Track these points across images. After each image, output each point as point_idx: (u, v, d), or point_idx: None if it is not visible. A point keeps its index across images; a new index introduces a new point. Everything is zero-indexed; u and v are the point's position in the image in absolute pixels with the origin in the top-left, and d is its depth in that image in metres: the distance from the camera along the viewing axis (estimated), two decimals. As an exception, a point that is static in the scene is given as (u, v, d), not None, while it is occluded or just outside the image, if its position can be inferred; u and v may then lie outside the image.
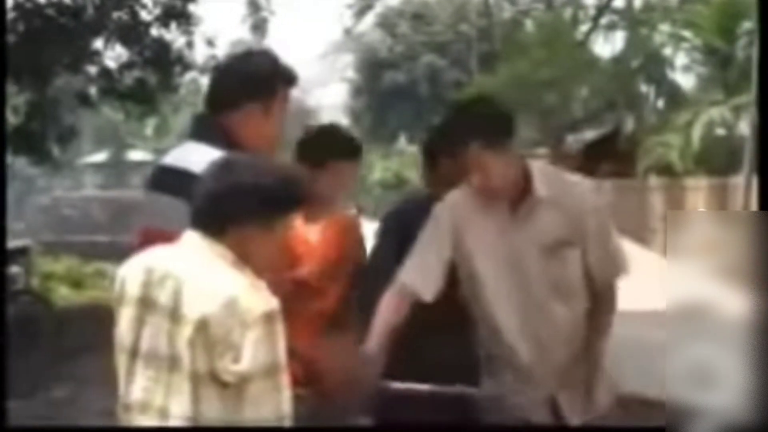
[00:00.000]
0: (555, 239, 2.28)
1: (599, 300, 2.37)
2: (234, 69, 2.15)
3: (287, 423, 1.58)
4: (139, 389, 1.64)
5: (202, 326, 1.54)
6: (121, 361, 1.69)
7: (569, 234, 2.29)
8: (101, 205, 22.00)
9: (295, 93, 2.27)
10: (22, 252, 9.03)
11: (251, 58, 2.19)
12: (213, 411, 1.55)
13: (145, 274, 1.66)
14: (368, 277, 2.59)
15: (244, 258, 1.66)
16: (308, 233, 2.51)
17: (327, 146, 2.55)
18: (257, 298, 1.58)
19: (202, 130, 2.09)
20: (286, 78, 2.14)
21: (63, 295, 10.41)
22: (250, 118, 2.05)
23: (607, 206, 2.42)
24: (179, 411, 1.57)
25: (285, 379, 1.58)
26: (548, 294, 2.31)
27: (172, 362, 1.59)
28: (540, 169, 2.35)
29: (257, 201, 1.66)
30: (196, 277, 1.61)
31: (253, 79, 2.07)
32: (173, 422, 1.59)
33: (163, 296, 1.62)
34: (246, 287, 1.59)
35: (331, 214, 2.60)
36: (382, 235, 2.74)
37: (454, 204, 2.41)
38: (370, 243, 2.76)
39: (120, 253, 2.12)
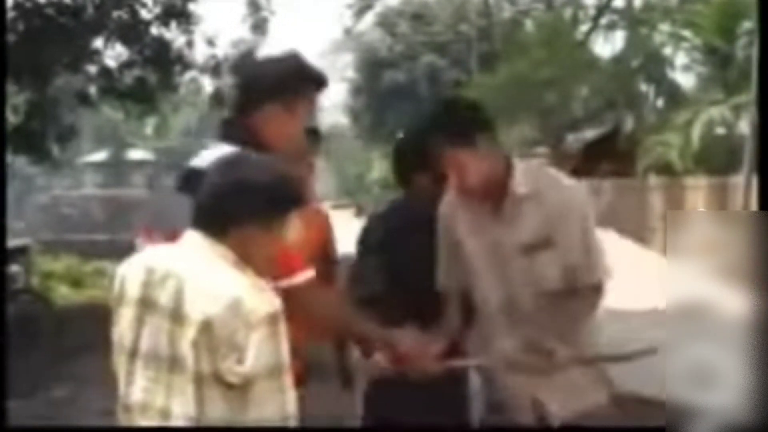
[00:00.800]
0: (534, 237, 2.29)
1: (580, 301, 2.35)
2: (259, 71, 2.21)
3: (292, 423, 1.57)
4: (139, 390, 1.63)
5: (206, 327, 1.53)
6: (121, 361, 1.68)
7: (549, 233, 2.29)
8: (101, 204, 21.98)
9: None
10: (22, 251, 9.03)
11: (276, 61, 2.27)
12: (216, 412, 1.55)
13: (146, 274, 1.65)
14: (357, 286, 2.63)
15: (246, 258, 1.65)
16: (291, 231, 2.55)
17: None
18: (261, 298, 1.58)
19: (229, 132, 2.14)
20: (312, 80, 2.18)
21: (63, 294, 10.41)
22: (273, 118, 2.10)
23: (592, 209, 2.39)
24: (181, 412, 1.57)
25: (289, 380, 1.58)
26: (530, 291, 2.32)
27: (174, 363, 1.58)
28: (525, 167, 2.36)
29: (259, 200, 1.65)
30: (199, 277, 1.60)
31: (276, 81, 2.12)
32: (175, 423, 1.58)
33: (164, 297, 1.61)
34: (249, 288, 1.59)
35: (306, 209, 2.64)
36: (364, 244, 2.73)
37: (447, 205, 2.47)
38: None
39: (119, 252, 2.13)
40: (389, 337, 2.24)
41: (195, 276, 1.60)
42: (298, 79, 2.13)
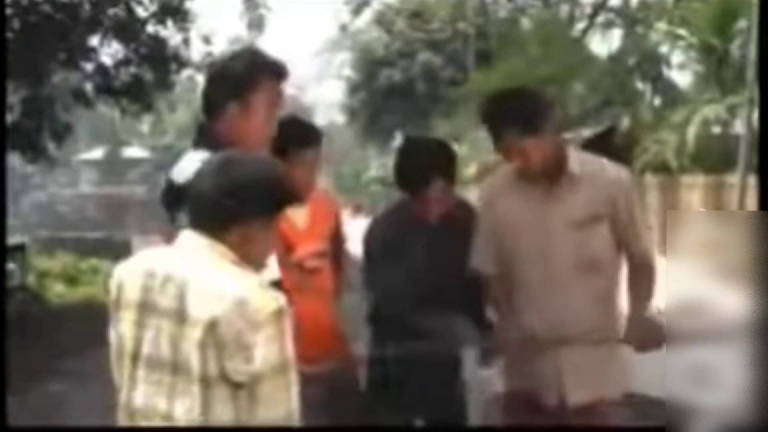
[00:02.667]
0: (586, 214, 2.40)
1: (637, 272, 2.44)
2: (214, 74, 2.21)
3: (296, 421, 1.57)
4: (142, 395, 1.62)
5: (212, 327, 1.52)
6: (122, 367, 1.67)
7: (600, 210, 2.40)
8: (97, 202, 21.99)
9: (291, 90, 2.31)
10: (18, 249, 9.01)
11: (229, 60, 2.23)
12: (222, 413, 1.54)
13: (145, 278, 1.64)
14: (377, 298, 2.68)
15: (246, 256, 1.65)
16: (294, 217, 2.60)
17: (288, 136, 2.57)
18: (266, 296, 1.57)
19: (200, 138, 2.14)
20: (268, 72, 2.12)
21: (58, 292, 10.37)
22: (232, 118, 2.08)
23: (634, 185, 2.54)
24: (184, 415, 1.56)
25: (294, 377, 1.57)
26: (571, 269, 2.39)
27: (177, 366, 1.57)
28: (575, 151, 2.51)
29: (262, 198, 1.65)
30: (201, 278, 1.59)
31: (228, 80, 2.10)
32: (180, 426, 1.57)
33: (166, 300, 1.59)
34: (253, 286, 1.58)
35: (309, 197, 2.68)
36: (370, 255, 2.74)
37: (494, 187, 2.61)
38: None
39: (115, 250, 2.14)
40: None
41: (197, 277, 1.59)
42: (251, 74, 2.09)
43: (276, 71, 2.13)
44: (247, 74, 2.08)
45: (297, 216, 2.60)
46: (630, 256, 2.44)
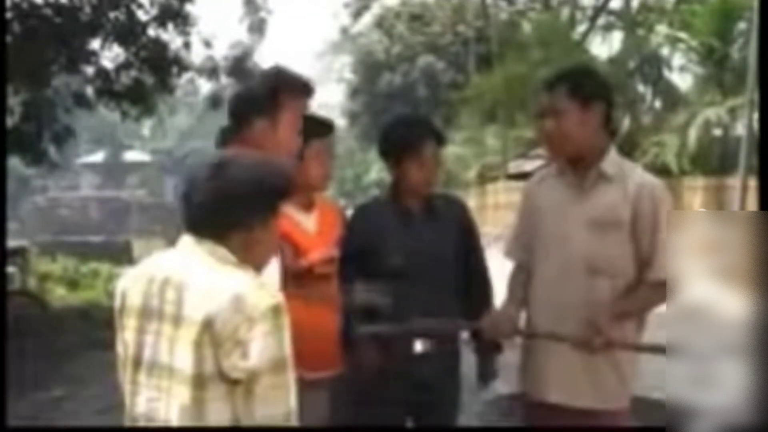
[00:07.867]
0: (607, 217, 2.34)
1: (647, 289, 2.35)
2: (240, 92, 2.32)
3: (294, 419, 1.56)
4: (144, 401, 1.62)
5: (208, 325, 1.52)
6: (125, 373, 1.67)
7: (622, 215, 2.33)
8: (97, 206, 22.02)
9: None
10: (18, 252, 9.02)
11: (257, 78, 2.36)
12: (221, 413, 1.54)
13: (146, 284, 1.64)
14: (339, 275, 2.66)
15: (248, 257, 1.64)
16: (305, 222, 2.64)
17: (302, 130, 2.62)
18: (262, 293, 1.57)
19: (224, 144, 2.23)
20: (292, 91, 2.24)
21: (59, 295, 10.38)
22: (259, 132, 2.19)
23: (666, 194, 2.41)
24: (182, 417, 1.55)
25: (292, 374, 1.57)
26: (579, 268, 2.34)
27: (178, 369, 1.57)
28: (614, 152, 2.44)
29: (261, 200, 1.65)
30: (199, 280, 1.59)
31: (254, 100, 2.22)
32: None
33: (165, 304, 1.60)
34: (250, 284, 1.58)
35: (320, 198, 2.74)
36: (347, 238, 2.74)
37: (536, 181, 2.58)
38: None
39: (116, 254, 2.14)
40: None
41: (195, 279, 1.59)
42: (276, 95, 2.21)
43: (300, 90, 2.26)
44: (272, 95, 2.21)
45: (307, 221, 2.64)
46: (646, 271, 2.34)
